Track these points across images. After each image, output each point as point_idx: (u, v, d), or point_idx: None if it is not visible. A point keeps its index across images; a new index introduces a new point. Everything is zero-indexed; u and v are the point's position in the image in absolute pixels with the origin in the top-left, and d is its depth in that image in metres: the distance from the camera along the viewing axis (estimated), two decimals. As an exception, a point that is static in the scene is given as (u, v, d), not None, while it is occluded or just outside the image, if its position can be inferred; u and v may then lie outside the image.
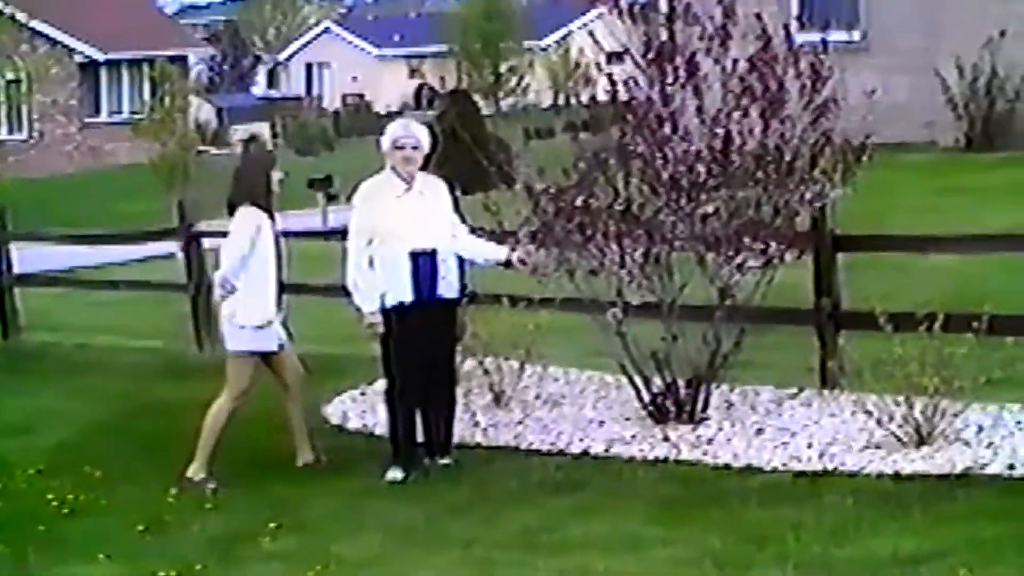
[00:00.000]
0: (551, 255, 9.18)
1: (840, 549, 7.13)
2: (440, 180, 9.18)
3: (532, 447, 9.33)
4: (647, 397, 9.42)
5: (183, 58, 51.25)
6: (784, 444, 8.76)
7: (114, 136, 47.88)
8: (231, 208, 9.32)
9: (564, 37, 60.49)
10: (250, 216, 9.22)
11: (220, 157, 46.50)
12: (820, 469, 8.30)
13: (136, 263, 19.37)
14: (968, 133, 22.02)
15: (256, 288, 9.20)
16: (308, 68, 70.57)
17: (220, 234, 14.03)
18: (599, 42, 9.94)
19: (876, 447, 8.48)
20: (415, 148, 9.00)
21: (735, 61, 9.03)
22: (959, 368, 8.35)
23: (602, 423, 9.58)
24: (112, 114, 50.25)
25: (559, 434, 9.46)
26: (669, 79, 9.04)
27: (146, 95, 46.69)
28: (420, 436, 9.12)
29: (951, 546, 7.00)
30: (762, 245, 9.01)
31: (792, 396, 9.67)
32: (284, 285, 9.38)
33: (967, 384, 8.41)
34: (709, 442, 8.96)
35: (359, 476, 9.16)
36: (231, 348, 9.35)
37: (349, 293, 9.07)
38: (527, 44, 62.55)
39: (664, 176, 9.00)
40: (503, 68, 62.46)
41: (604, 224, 9.06)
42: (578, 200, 9.07)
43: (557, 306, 9.78)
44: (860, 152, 9.00)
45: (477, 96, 39.81)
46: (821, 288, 9.68)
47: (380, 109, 59.04)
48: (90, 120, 49.52)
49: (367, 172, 9.35)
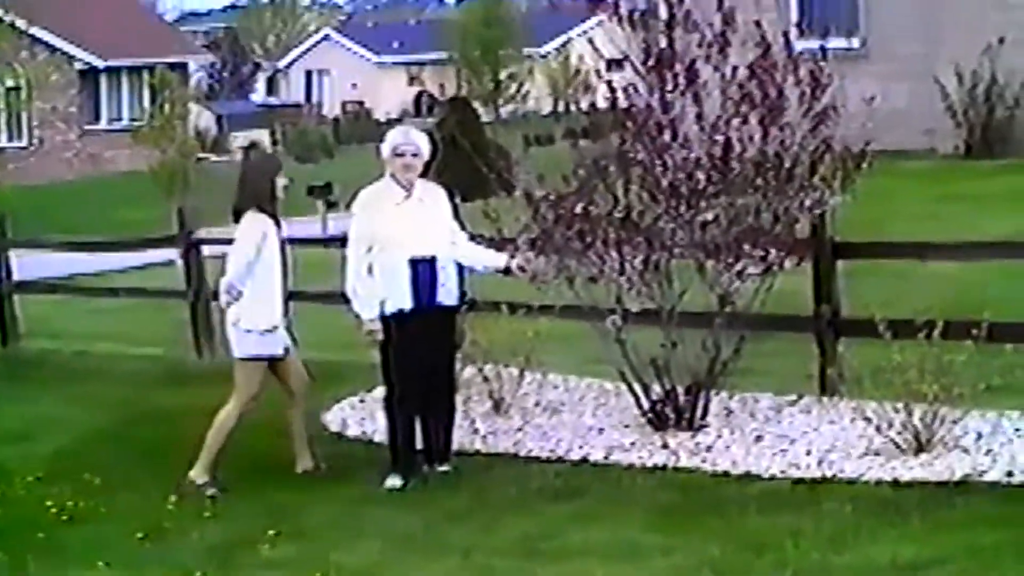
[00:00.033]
0: (550, 262, 9.18)
1: (839, 556, 7.13)
2: (439, 187, 9.18)
3: (531, 454, 9.33)
4: (646, 404, 9.42)
5: (183, 65, 51.27)
6: (783, 451, 8.76)
7: (114, 143, 47.92)
8: (236, 214, 9.33)
9: (564, 44, 60.60)
10: (256, 222, 9.23)
11: (220, 164, 46.60)
12: (819, 476, 8.30)
13: (136, 270, 19.39)
14: (967, 140, 22.05)
15: (262, 293, 9.21)
16: (308, 75, 70.64)
17: (220, 241, 14.13)
18: (599, 49, 9.94)
19: (875, 454, 8.47)
20: (415, 155, 9.01)
21: (734, 68, 9.03)
22: (958, 375, 8.35)
23: (601, 430, 9.58)
24: (112, 121, 50.28)
25: (558, 441, 9.46)
26: (669, 86, 9.04)
27: (146, 102, 46.66)
28: (419, 443, 9.11)
29: (950, 553, 7.00)
30: (762, 252, 9.01)
31: (791, 403, 9.67)
32: (291, 292, 9.40)
33: (966, 391, 8.40)
34: (708, 449, 8.96)
35: (358, 483, 9.16)
36: (237, 354, 9.35)
37: (348, 300, 9.07)
38: (527, 51, 62.63)
39: (664, 183, 9.00)
40: (503, 75, 62.53)
41: (604, 231, 9.06)
42: (578, 207, 9.07)
43: (556, 313, 9.79)
44: (860, 159, 9.00)
45: (476, 103, 39.85)
46: (820, 295, 9.68)
47: (380, 116, 59.08)
48: (90, 127, 49.55)
49: (367, 179, 9.35)
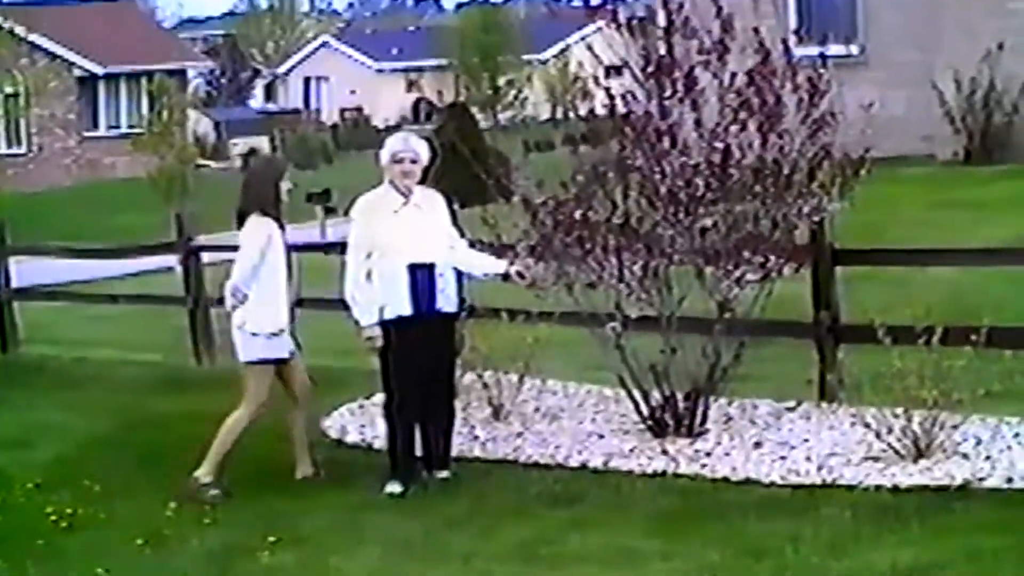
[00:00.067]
0: (550, 268, 9.19)
1: (838, 562, 7.13)
2: (438, 193, 9.18)
3: (531, 460, 9.33)
4: (646, 410, 9.42)
5: (181, 72, 51.35)
6: (783, 457, 8.77)
7: (112, 149, 47.96)
8: (240, 218, 9.34)
9: (563, 51, 60.58)
10: (260, 226, 9.25)
11: (218, 171, 46.63)
12: (818, 482, 8.31)
13: (134, 277, 19.38)
14: (966, 146, 22.03)
15: (267, 297, 9.22)
16: (306, 82, 70.60)
17: (219, 248, 14.15)
18: (598, 56, 9.95)
19: (874, 460, 8.48)
20: (414, 162, 9.01)
21: (733, 75, 9.04)
22: (957, 381, 8.36)
23: (601, 436, 9.58)
24: (110, 128, 50.31)
25: (558, 447, 9.46)
26: (667, 93, 9.05)
27: (144, 109, 46.73)
28: (419, 449, 9.11)
29: (949, 559, 7.00)
30: (761, 258, 9.02)
31: (791, 409, 9.67)
32: (300, 297, 9.43)
33: (965, 397, 8.41)
34: (708, 455, 8.96)
35: (358, 490, 9.16)
36: (243, 358, 9.36)
37: (348, 306, 9.07)
38: (526, 58, 62.62)
39: (663, 189, 9.01)
40: (501, 81, 62.52)
41: (603, 237, 9.06)
42: (577, 213, 9.08)
43: (556, 320, 9.80)
44: (858, 166, 9.01)
45: (475, 109, 39.84)
46: (820, 301, 9.69)
47: (378, 123, 59.08)
48: (88, 134, 49.58)
49: (365, 186, 9.35)
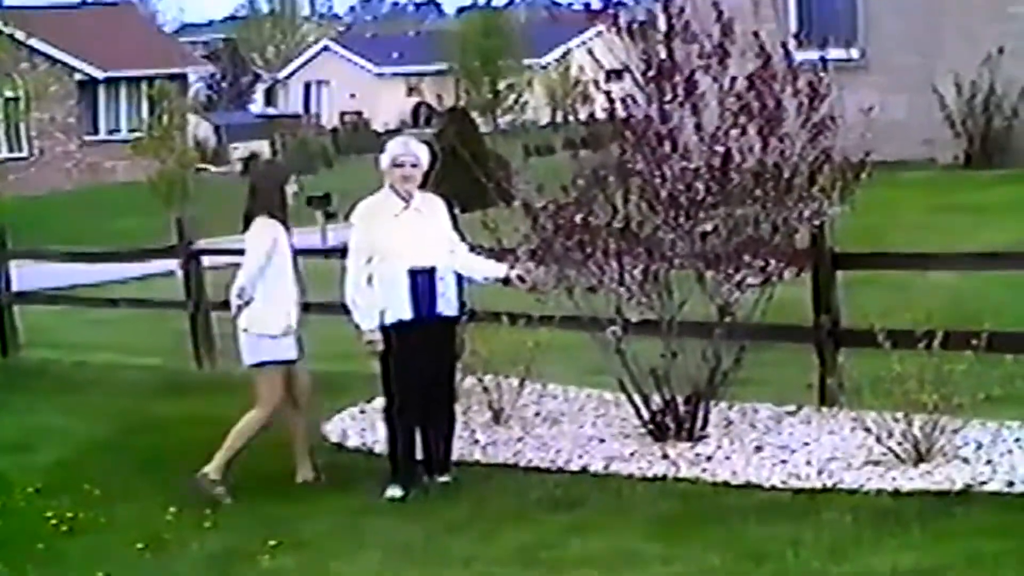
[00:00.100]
0: (550, 272, 9.19)
1: (839, 566, 7.13)
2: (438, 198, 9.18)
3: (531, 464, 9.33)
4: (646, 414, 9.42)
5: (182, 76, 51.34)
6: (783, 461, 8.76)
7: (113, 154, 47.98)
8: (247, 221, 9.36)
9: (564, 55, 60.60)
10: (266, 228, 9.27)
11: (218, 175, 46.64)
12: (819, 486, 8.30)
13: (135, 281, 19.39)
14: (967, 150, 22.05)
15: (274, 299, 9.23)
16: (307, 86, 70.65)
17: (219, 252, 14.15)
18: (598, 60, 9.95)
19: (875, 464, 8.47)
20: (414, 166, 9.01)
21: (733, 79, 9.04)
22: (958, 385, 8.35)
23: (601, 440, 9.58)
24: (111, 132, 50.34)
25: (558, 451, 9.46)
26: (668, 97, 9.05)
27: (144, 113, 46.77)
28: (419, 454, 9.11)
29: (950, 563, 7.00)
30: (761, 262, 9.02)
31: (791, 413, 9.67)
32: (307, 302, 9.45)
33: (966, 401, 8.41)
34: (708, 459, 8.96)
35: (358, 494, 9.16)
36: (248, 360, 9.37)
37: (348, 311, 9.08)
38: (527, 62, 62.65)
39: (663, 194, 9.01)
40: (502, 86, 62.55)
41: (603, 241, 9.06)
42: (577, 217, 9.08)
43: (556, 323, 9.80)
44: (859, 170, 9.02)
45: (475, 113, 39.86)
46: (820, 305, 9.69)
47: (378, 127, 59.09)
48: (89, 138, 49.61)
49: (366, 190, 9.35)
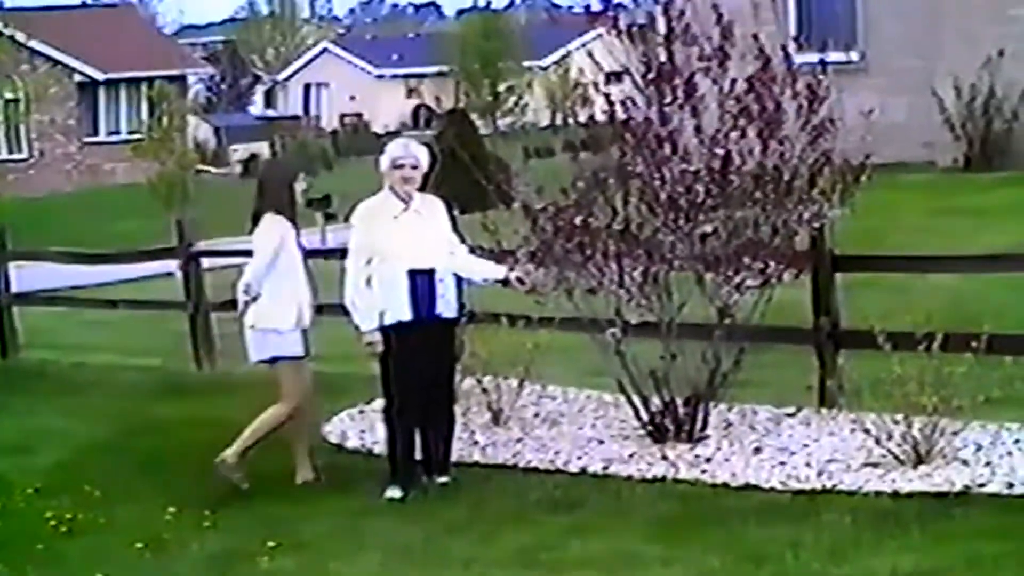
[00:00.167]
0: (550, 274, 9.19)
1: (838, 568, 7.13)
2: (438, 199, 9.19)
3: (530, 465, 9.33)
4: (645, 416, 9.42)
5: (182, 78, 51.35)
6: (783, 463, 8.77)
7: (113, 155, 48.01)
8: (255, 219, 9.38)
9: (563, 57, 60.61)
10: (274, 225, 9.30)
11: (218, 177, 46.64)
12: (819, 488, 8.31)
13: (135, 282, 19.38)
14: (966, 153, 22.04)
15: (281, 295, 9.26)
16: (306, 88, 70.63)
17: (219, 253, 14.15)
18: (598, 62, 9.95)
19: (874, 466, 8.48)
20: (414, 167, 9.02)
21: (733, 81, 9.05)
22: (958, 387, 8.36)
23: (601, 442, 9.58)
24: (111, 133, 50.35)
25: (557, 453, 9.46)
26: (668, 99, 9.06)
27: (144, 115, 46.77)
28: (419, 455, 9.12)
29: (949, 565, 7.00)
30: (761, 264, 9.02)
31: (791, 415, 9.68)
32: (319, 304, 9.49)
33: (966, 403, 8.41)
34: (708, 461, 8.96)
35: (358, 495, 9.16)
36: (255, 357, 9.40)
37: (348, 312, 9.08)
38: (527, 64, 62.66)
39: (663, 196, 9.01)
40: (501, 88, 62.55)
41: (603, 243, 9.07)
42: (577, 219, 9.08)
43: (556, 325, 9.81)
44: (859, 172, 9.02)
45: (475, 116, 39.86)
46: (820, 307, 9.69)
47: (378, 129, 59.09)
48: (89, 139, 49.62)
49: (365, 192, 9.36)
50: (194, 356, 13.72)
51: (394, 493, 8.97)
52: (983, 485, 8.00)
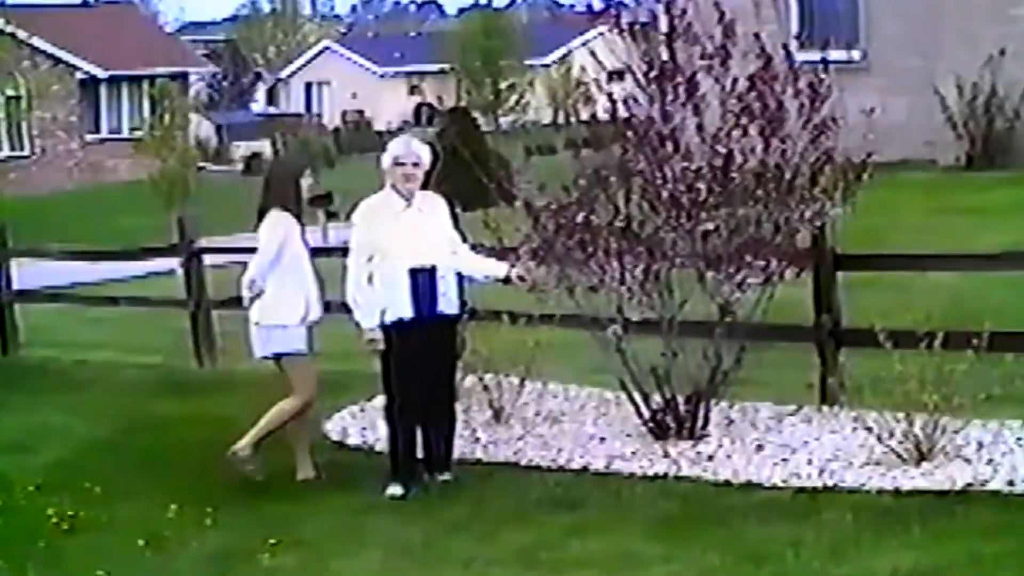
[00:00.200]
0: (551, 272, 9.19)
1: (839, 567, 7.13)
2: (439, 197, 9.19)
3: (532, 463, 9.32)
4: (647, 413, 9.42)
5: (184, 75, 51.38)
6: (784, 461, 8.76)
7: (114, 153, 48.03)
8: (261, 215, 9.39)
9: (565, 55, 60.62)
10: (279, 220, 9.31)
11: (219, 174, 46.65)
12: (820, 486, 8.30)
13: (136, 279, 19.38)
14: (968, 152, 22.05)
15: (286, 290, 9.27)
16: (308, 86, 70.66)
17: (220, 250, 14.15)
18: (600, 60, 9.95)
19: (876, 464, 8.48)
20: (416, 165, 9.02)
21: (735, 80, 9.05)
22: (959, 385, 8.35)
23: (602, 439, 9.58)
24: (112, 131, 50.36)
25: (559, 450, 9.46)
26: (669, 97, 9.06)
27: (146, 112, 46.79)
28: (420, 452, 9.12)
29: (950, 563, 7.00)
30: (762, 263, 9.02)
31: (792, 413, 9.67)
32: (327, 301, 9.49)
33: (967, 401, 8.40)
34: (709, 459, 8.96)
35: (359, 492, 9.16)
36: (260, 353, 9.41)
37: (349, 309, 9.09)
38: (528, 62, 62.68)
39: (664, 194, 9.01)
40: (503, 86, 62.56)
41: (604, 241, 9.07)
42: (579, 217, 9.08)
43: (557, 323, 9.80)
44: (860, 171, 9.02)
45: (477, 114, 39.86)
46: (821, 305, 9.69)
47: (380, 127, 59.10)
48: (90, 137, 49.64)
49: (367, 189, 9.36)
50: (195, 354, 13.72)
51: (395, 491, 8.97)
52: (985, 483, 8.00)
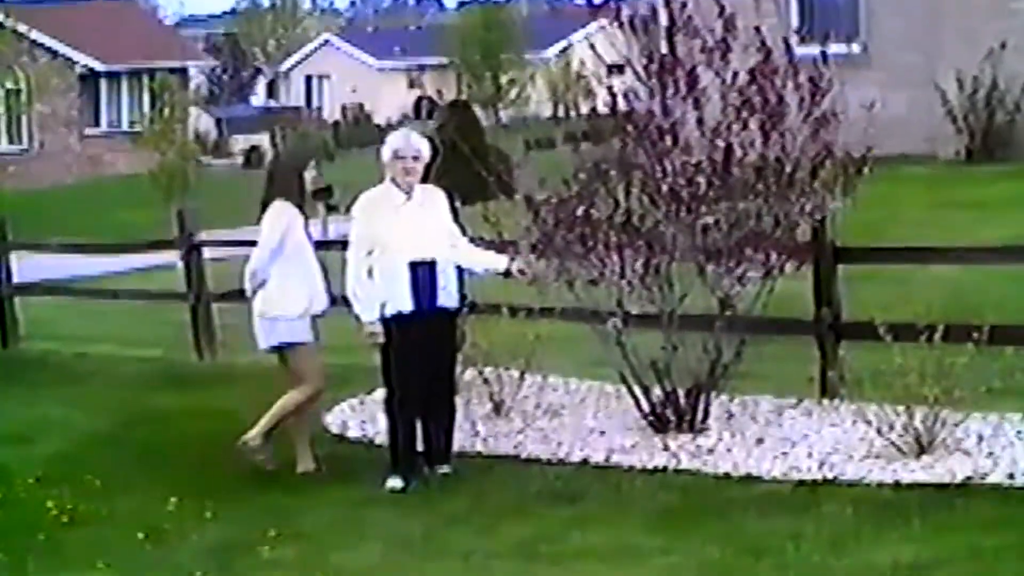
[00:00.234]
0: (551, 265, 9.19)
1: (839, 560, 7.13)
2: (439, 191, 9.19)
3: (532, 456, 9.33)
4: (647, 407, 9.42)
5: (183, 69, 51.33)
6: (784, 454, 8.76)
7: (114, 146, 48.00)
8: (264, 206, 9.40)
9: (565, 49, 60.53)
10: (282, 211, 9.32)
11: (219, 168, 46.63)
12: (820, 479, 8.31)
13: (136, 273, 19.39)
14: (968, 146, 22.04)
15: (290, 281, 9.29)
16: (308, 80, 70.58)
17: (220, 243, 14.14)
18: (600, 54, 9.94)
19: (876, 457, 8.48)
20: (415, 159, 9.02)
21: (735, 73, 9.05)
22: (959, 378, 8.36)
23: (602, 433, 9.58)
24: (112, 125, 50.34)
25: (559, 444, 9.46)
26: (670, 91, 9.05)
27: (146, 106, 46.77)
28: (420, 445, 9.12)
29: (950, 556, 7.01)
30: (763, 256, 9.02)
31: (792, 406, 9.67)
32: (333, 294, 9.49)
33: (967, 394, 8.42)
34: (709, 452, 8.96)
35: (359, 485, 9.16)
36: (264, 344, 9.43)
37: (349, 303, 9.09)
38: (528, 56, 62.58)
39: (664, 188, 9.01)
40: (503, 80, 62.48)
41: (604, 235, 9.06)
42: (579, 211, 9.08)
43: (557, 316, 9.79)
44: (860, 164, 9.02)
45: (476, 107, 39.83)
46: (821, 299, 9.69)
47: (380, 120, 59.05)
48: (90, 131, 49.61)
49: (367, 183, 9.36)
50: (195, 347, 13.72)
51: (395, 483, 8.98)
52: (985, 476, 8.00)
